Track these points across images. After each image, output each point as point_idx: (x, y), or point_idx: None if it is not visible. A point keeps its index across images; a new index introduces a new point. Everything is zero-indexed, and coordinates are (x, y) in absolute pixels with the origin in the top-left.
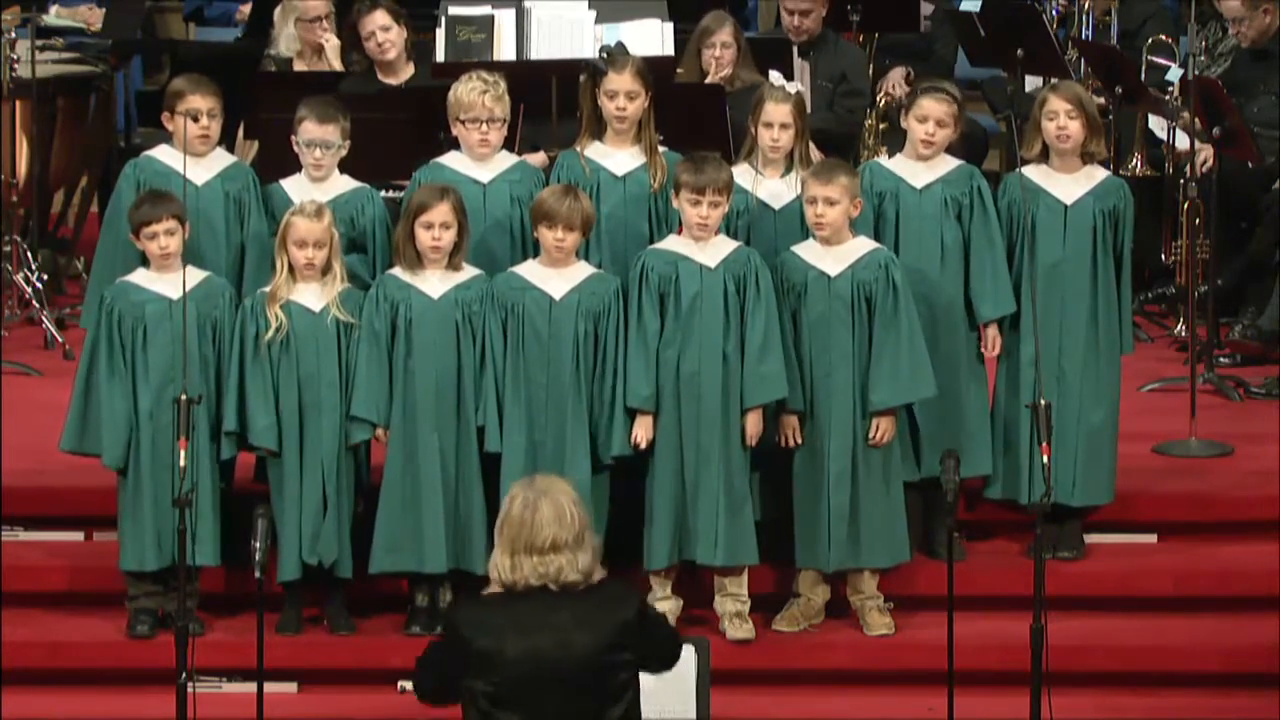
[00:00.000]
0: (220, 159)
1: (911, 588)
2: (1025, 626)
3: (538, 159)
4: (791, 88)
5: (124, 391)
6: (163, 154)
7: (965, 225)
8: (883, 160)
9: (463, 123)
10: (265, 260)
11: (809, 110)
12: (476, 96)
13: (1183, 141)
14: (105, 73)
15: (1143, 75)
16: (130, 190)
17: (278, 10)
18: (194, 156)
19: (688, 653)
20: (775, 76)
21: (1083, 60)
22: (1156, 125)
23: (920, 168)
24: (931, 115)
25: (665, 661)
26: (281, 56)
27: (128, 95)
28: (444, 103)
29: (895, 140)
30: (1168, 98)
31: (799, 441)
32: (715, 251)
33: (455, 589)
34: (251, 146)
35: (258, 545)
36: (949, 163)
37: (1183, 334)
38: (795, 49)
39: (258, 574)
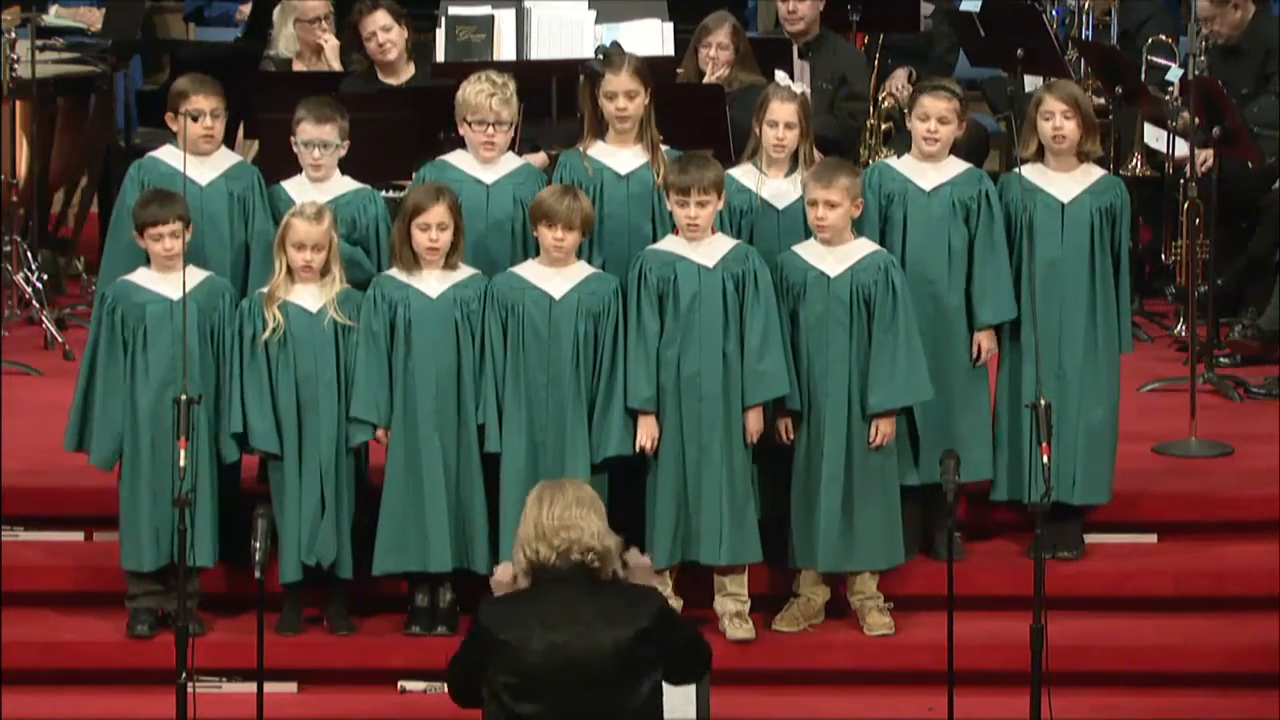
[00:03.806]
0: (225, 158)
1: (911, 588)
2: (1025, 626)
3: (538, 159)
4: (795, 88)
5: (119, 392)
6: (167, 154)
7: (972, 229)
8: (891, 161)
9: (469, 123)
10: (269, 260)
11: None
12: (484, 99)
13: (1181, 149)
14: (105, 73)
15: (1143, 75)
16: (135, 191)
17: (277, 10)
18: (198, 156)
19: None
20: (781, 77)
21: (1083, 60)
22: (1153, 137)
23: (928, 169)
24: (933, 113)
25: (691, 666)
26: (281, 57)
27: (128, 95)
28: (444, 103)
29: (898, 142)
30: (1168, 98)
31: (790, 439)
32: (713, 250)
33: (456, 589)
34: (251, 147)
35: (258, 545)
36: (957, 165)
37: (1183, 334)
38: (795, 50)
39: (258, 574)
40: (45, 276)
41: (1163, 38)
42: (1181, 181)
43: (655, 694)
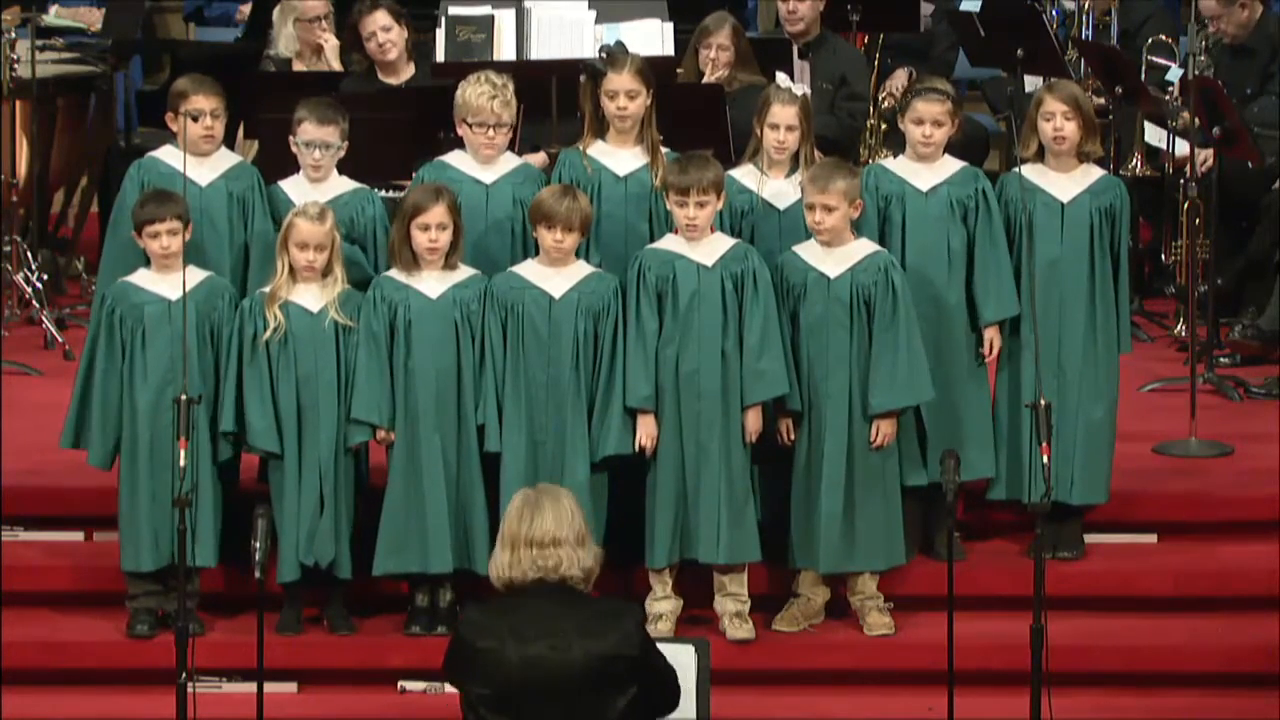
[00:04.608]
0: (225, 159)
1: (911, 588)
2: (1025, 626)
3: (538, 159)
4: (796, 89)
5: (118, 392)
6: (166, 154)
7: (970, 228)
8: (887, 162)
9: (468, 125)
10: (269, 260)
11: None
12: (485, 101)
13: (1181, 149)
14: (105, 73)
15: (1143, 75)
16: (135, 191)
17: (277, 10)
18: (198, 156)
19: (688, 653)
20: (781, 78)
21: (1083, 60)
22: (1154, 137)
23: (924, 170)
24: (926, 117)
25: (659, 697)
26: (281, 57)
27: (128, 95)
28: (444, 103)
29: (898, 142)
30: (1168, 98)
31: (791, 439)
32: (712, 249)
33: (456, 589)
34: (251, 146)
35: (258, 545)
36: (953, 165)
37: (1183, 334)
38: (795, 50)
39: (258, 574)
40: (45, 276)
41: (1163, 38)
42: (1181, 181)
43: (633, 712)
